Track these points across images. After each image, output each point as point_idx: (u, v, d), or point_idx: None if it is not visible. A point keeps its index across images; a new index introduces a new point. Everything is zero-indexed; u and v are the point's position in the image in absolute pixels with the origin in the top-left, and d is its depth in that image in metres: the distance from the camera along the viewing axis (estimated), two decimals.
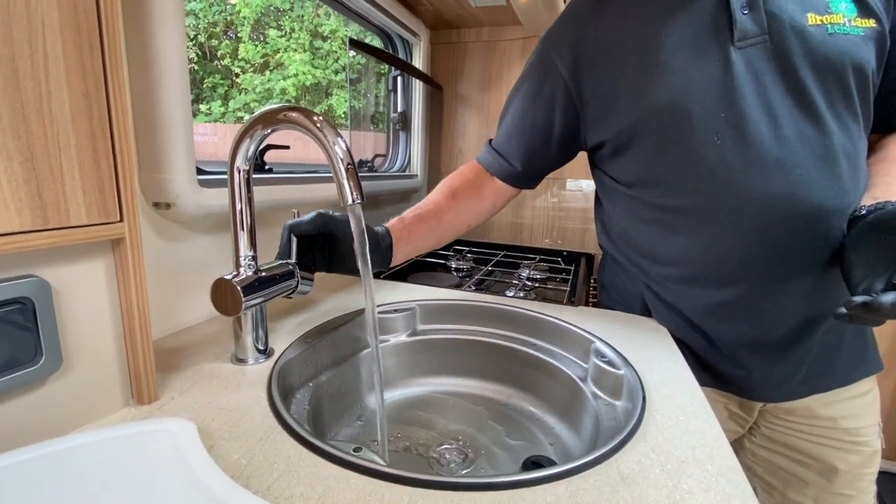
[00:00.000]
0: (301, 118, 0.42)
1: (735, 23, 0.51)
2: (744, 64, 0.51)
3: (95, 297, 0.38)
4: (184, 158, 0.53)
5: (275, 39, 5.71)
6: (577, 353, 0.64)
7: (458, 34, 1.36)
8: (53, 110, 0.32)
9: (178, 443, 0.32)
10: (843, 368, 0.61)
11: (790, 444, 0.66)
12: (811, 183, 0.51)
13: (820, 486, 0.65)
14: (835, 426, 0.63)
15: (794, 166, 0.51)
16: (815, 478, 0.65)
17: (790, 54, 0.50)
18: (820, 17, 0.51)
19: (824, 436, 0.63)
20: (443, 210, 0.70)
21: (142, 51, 0.50)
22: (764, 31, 0.51)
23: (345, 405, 0.60)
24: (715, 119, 0.52)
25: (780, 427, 0.67)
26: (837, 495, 0.64)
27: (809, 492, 0.66)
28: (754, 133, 0.51)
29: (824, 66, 0.50)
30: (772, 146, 0.51)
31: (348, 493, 0.32)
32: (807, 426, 0.64)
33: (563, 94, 0.63)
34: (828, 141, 0.51)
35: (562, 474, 0.34)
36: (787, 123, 0.51)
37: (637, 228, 0.64)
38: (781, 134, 0.51)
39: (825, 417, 0.63)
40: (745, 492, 0.34)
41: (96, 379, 0.38)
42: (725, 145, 0.52)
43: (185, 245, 0.60)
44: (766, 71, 0.51)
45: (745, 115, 0.51)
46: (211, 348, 0.54)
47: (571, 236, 1.38)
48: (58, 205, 0.33)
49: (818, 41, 0.50)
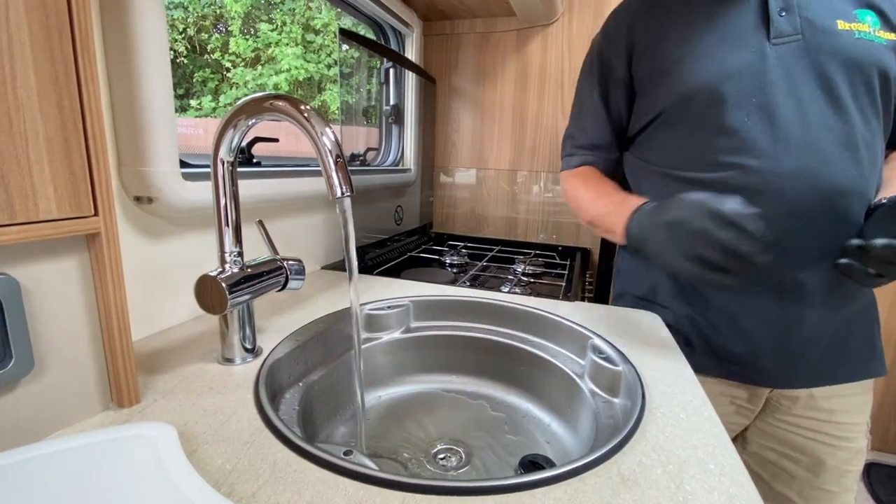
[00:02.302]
0: (287, 107, 0.40)
1: (772, 23, 0.58)
2: (777, 58, 0.57)
3: (70, 296, 0.36)
4: (166, 150, 0.51)
5: (266, 33, 5.63)
6: (574, 350, 0.63)
7: (451, 25, 1.34)
8: (19, 96, 0.30)
9: (157, 449, 0.30)
10: (850, 365, 0.64)
11: (783, 439, 0.68)
12: (833, 164, 0.55)
13: (806, 481, 0.67)
14: (830, 419, 0.65)
15: (818, 148, 0.56)
16: (802, 472, 0.68)
17: (820, 52, 0.56)
18: (848, 24, 0.57)
19: (818, 430, 0.66)
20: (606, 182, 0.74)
21: (121, 38, 0.48)
22: (798, 32, 0.57)
23: (337, 404, 0.58)
24: (747, 102, 0.58)
25: (777, 421, 0.68)
26: (822, 490, 0.66)
27: (795, 485, 0.68)
28: (782, 116, 0.56)
29: (852, 65, 0.56)
30: (797, 129, 0.56)
31: (338, 499, 0.30)
32: (804, 419, 0.66)
33: (623, 87, 0.70)
34: (850, 130, 0.56)
35: (560, 477, 0.33)
36: (813, 111, 0.56)
37: None
38: (807, 119, 0.56)
39: (824, 409, 0.65)
40: (749, 493, 0.32)
41: (73, 381, 0.37)
42: (755, 126, 0.57)
43: (170, 242, 0.58)
44: (798, 65, 0.57)
45: (774, 101, 0.57)
46: (196, 348, 0.52)
47: (567, 231, 1.37)
48: (25, 198, 0.31)
49: (846, 43, 0.56)
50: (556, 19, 1.25)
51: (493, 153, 1.39)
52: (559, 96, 1.29)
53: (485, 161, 1.40)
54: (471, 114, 1.38)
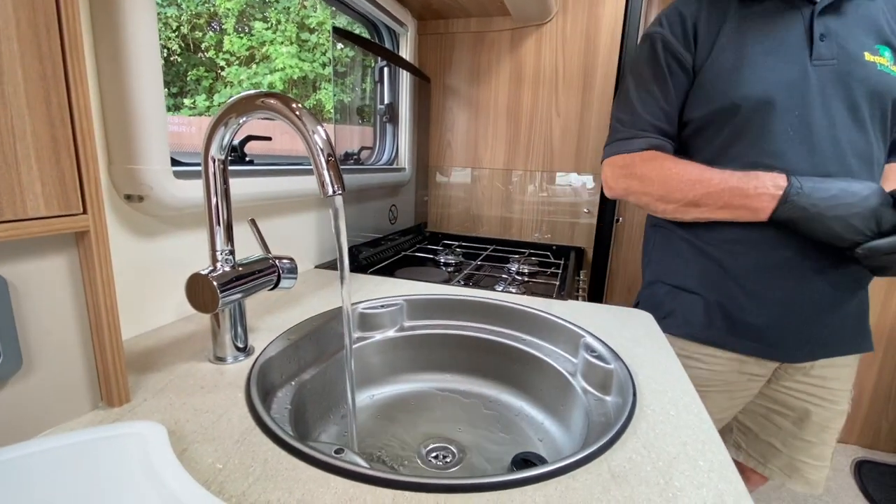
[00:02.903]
0: (279, 105, 0.40)
1: (814, 45, 0.65)
2: (816, 77, 0.65)
3: (59, 294, 0.35)
4: (157, 148, 0.51)
5: (260, 32, 5.60)
6: (567, 348, 0.63)
7: (445, 24, 1.34)
8: (6, 92, 0.30)
9: (147, 447, 0.30)
10: (848, 340, 0.74)
11: (777, 399, 0.79)
12: (854, 176, 0.64)
13: (790, 432, 0.79)
14: (822, 385, 0.76)
15: (844, 162, 0.65)
16: (788, 425, 0.80)
17: (850, 78, 0.64)
18: (872, 57, 0.65)
19: (810, 392, 0.76)
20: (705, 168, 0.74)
21: (111, 35, 0.47)
22: (833, 57, 0.65)
23: (330, 403, 0.58)
24: (791, 114, 0.65)
25: (777, 385, 0.78)
26: (803, 441, 0.79)
27: (780, 435, 0.80)
28: (817, 132, 0.64)
29: (874, 94, 0.65)
30: (829, 144, 0.65)
31: (328, 497, 0.30)
32: (800, 384, 0.76)
33: (685, 70, 0.73)
34: (869, 149, 0.66)
35: (551, 473, 0.33)
36: (842, 129, 0.65)
37: None
38: (837, 136, 0.65)
39: (819, 376, 0.75)
40: (738, 488, 0.33)
41: (62, 380, 0.36)
42: (796, 136, 0.65)
43: (160, 240, 0.57)
44: (831, 86, 0.65)
45: (812, 116, 0.64)
46: (187, 347, 0.52)
47: (561, 230, 1.37)
48: (13, 196, 0.31)
49: (871, 73, 0.65)
50: (550, 19, 1.25)
51: (487, 152, 1.39)
52: (553, 96, 1.29)
53: (479, 160, 1.41)
54: (465, 113, 1.38)
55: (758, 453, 0.84)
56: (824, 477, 0.80)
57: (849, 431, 1.67)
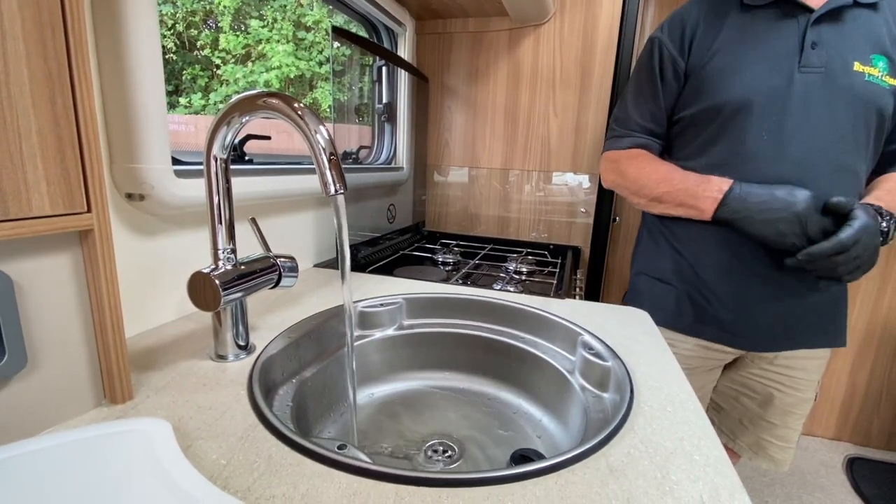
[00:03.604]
0: (281, 105, 0.40)
1: (804, 53, 0.67)
2: (802, 84, 0.67)
3: (63, 292, 0.36)
4: (158, 147, 0.51)
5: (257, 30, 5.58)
6: (565, 346, 0.64)
7: (444, 24, 1.34)
8: (12, 92, 0.30)
9: (152, 443, 0.31)
10: (813, 335, 0.78)
11: (744, 383, 0.88)
12: (821, 179, 0.66)
13: (756, 413, 0.88)
14: (786, 374, 0.82)
15: (811, 166, 0.67)
16: (754, 407, 0.88)
17: (835, 87, 0.66)
18: (862, 67, 0.67)
19: (774, 379, 0.84)
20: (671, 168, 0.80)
21: (113, 34, 0.47)
22: (822, 65, 0.66)
23: (330, 401, 0.58)
24: (769, 119, 0.68)
25: (744, 371, 0.86)
26: (766, 421, 0.87)
27: (747, 414, 0.90)
28: (792, 137, 0.67)
29: (858, 103, 0.66)
30: (800, 149, 0.67)
31: (332, 491, 0.31)
32: (765, 371, 0.84)
33: (676, 75, 0.77)
34: (844, 158, 0.67)
35: (550, 468, 0.34)
36: (820, 136, 0.66)
37: None
38: (812, 144, 0.67)
39: (783, 366, 0.82)
40: (732, 482, 0.34)
41: (66, 378, 0.37)
42: (769, 140, 0.68)
43: (162, 239, 0.58)
44: (815, 94, 0.66)
45: (790, 122, 0.67)
46: (189, 345, 0.52)
47: (558, 230, 1.38)
48: (18, 194, 0.31)
49: (858, 83, 0.66)
50: (548, 19, 1.26)
51: (485, 152, 1.40)
52: (551, 96, 1.30)
53: (477, 160, 1.41)
54: (463, 113, 1.39)
55: (728, 429, 0.93)
56: (790, 457, 0.88)
57: (841, 428, 1.69)
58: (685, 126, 0.77)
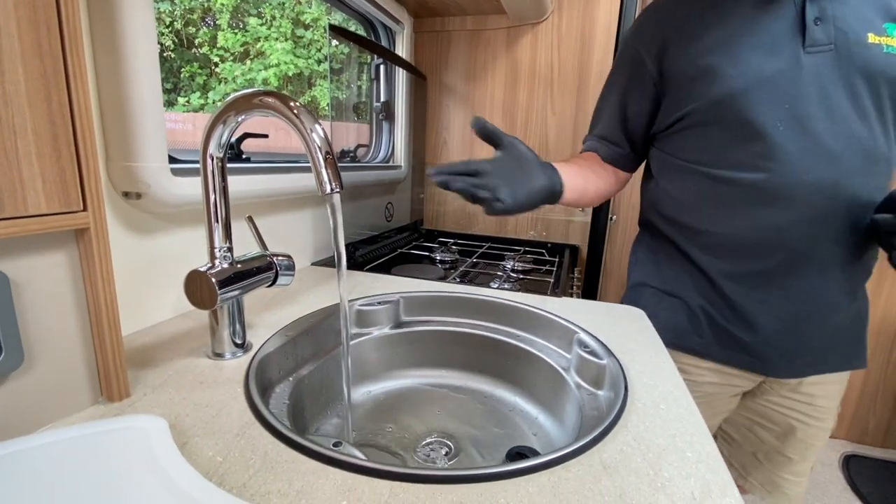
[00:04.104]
0: (277, 104, 0.41)
1: (807, 31, 0.59)
2: (811, 66, 0.59)
3: (59, 290, 0.36)
4: (155, 145, 0.51)
5: (255, 27, 5.56)
6: (561, 344, 0.64)
7: (441, 22, 1.34)
8: (7, 90, 0.30)
9: (149, 440, 0.31)
10: (840, 358, 0.69)
11: (762, 413, 0.75)
12: (855, 176, 0.58)
13: (773, 447, 0.76)
14: (810, 402, 0.71)
15: (844, 160, 0.58)
16: (772, 440, 0.76)
17: (851, 64, 0.58)
18: (878, 38, 0.58)
19: (797, 409, 0.72)
20: (593, 167, 0.76)
21: (108, 32, 0.47)
22: (831, 42, 0.58)
23: (327, 399, 0.59)
24: (780, 108, 0.59)
25: (762, 400, 0.74)
26: (784, 456, 0.75)
27: (763, 448, 0.77)
28: (811, 126, 0.58)
29: (879, 79, 0.58)
30: (826, 139, 0.58)
31: (327, 488, 0.31)
32: (787, 399, 0.72)
33: (649, 82, 0.70)
34: (874, 144, 0.59)
35: (544, 465, 0.34)
36: (841, 122, 0.58)
37: (691, 202, 0.69)
38: (836, 130, 0.58)
39: (805, 393, 0.71)
40: (724, 478, 0.34)
41: (62, 375, 0.37)
42: (787, 133, 0.59)
43: (159, 238, 0.58)
44: (829, 75, 0.58)
45: (806, 109, 0.58)
46: (186, 343, 0.53)
47: (556, 228, 1.38)
48: (14, 192, 0.31)
49: (876, 56, 0.58)
50: (546, 17, 1.26)
51: (483, 150, 1.39)
52: (548, 94, 1.30)
53: (475, 158, 1.41)
54: (461, 111, 1.39)
55: (739, 464, 0.81)
56: (804, 490, 0.78)
57: (837, 426, 1.70)
58: (688, 125, 0.67)
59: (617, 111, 0.76)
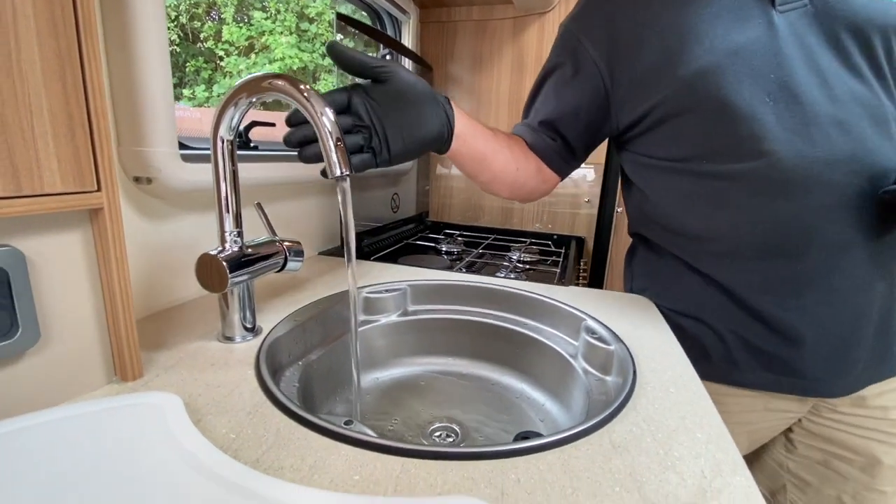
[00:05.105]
0: (287, 86, 0.41)
1: None
2: (787, 27, 0.51)
3: (74, 269, 0.36)
4: (165, 131, 0.52)
5: (260, 21, 5.55)
6: (568, 331, 0.64)
7: (447, 13, 1.33)
8: (24, 70, 0.30)
9: (164, 415, 0.31)
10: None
11: (832, 438, 0.62)
12: (869, 141, 0.49)
13: (861, 482, 0.60)
14: (885, 416, 0.59)
15: (852, 125, 0.49)
16: (856, 473, 0.61)
17: (832, 17, 0.50)
18: None
19: (871, 427, 0.59)
20: (512, 146, 0.68)
21: (120, 15, 0.48)
22: None
23: (336, 384, 0.59)
24: (765, 80, 0.51)
25: (824, 419, 0.62)
26: (877, 492, 0.59)
27: (849, 487, 0.61)
28: (806, 93, 0.50)
29: (868, 29, 0.50)
30: (827, 105, 0.50)
31: (339, 463, 0.31)
32: (854, 416, 0.60)
33: (593, 77, 0.62)
34: (877, 102, 0.50)
35: (554, 443, 0.34)
36: (837, 83, 0.50)
37: (683, 206, 0.60)
38: (833, 94, 0.50)
39: (876, 407, 0.59)
40: (734, 458, 0.34)
41: (77, 354, 0.37)
42: (779, 106, 0.50)
43: (169, 222, 0.58)
44: (810, 34, 0.51)
45: (794, 76, 0.50)
46: (197, 327, 0.53)
47: (562, 220, 1.38)
48: (31, 171, 0.31)
49: (859, 4, 0.50)
50: (553, 7, 1.25)
51: None
52: None
53: None
54: (467, 102, 1.38)
55: None
56: None
57: None
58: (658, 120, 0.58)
59: (550, 102, 0.68)
